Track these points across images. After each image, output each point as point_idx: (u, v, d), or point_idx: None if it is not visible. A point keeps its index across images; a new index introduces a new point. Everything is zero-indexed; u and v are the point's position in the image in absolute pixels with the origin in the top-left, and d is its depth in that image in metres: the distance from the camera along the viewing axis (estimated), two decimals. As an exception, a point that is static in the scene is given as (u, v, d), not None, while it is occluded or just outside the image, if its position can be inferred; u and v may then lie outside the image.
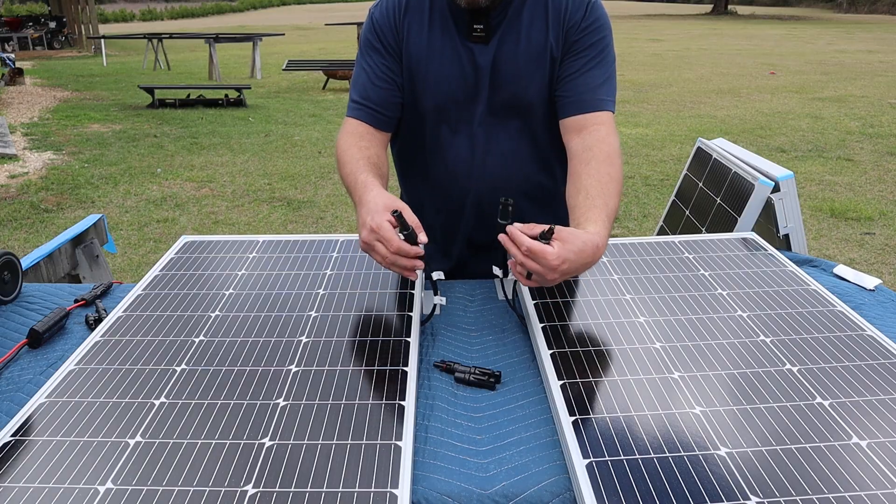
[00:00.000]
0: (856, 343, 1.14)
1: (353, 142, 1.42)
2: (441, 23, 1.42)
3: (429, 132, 1.51)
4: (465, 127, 1.47)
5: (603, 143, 1.34)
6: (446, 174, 1.53)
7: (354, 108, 1.47)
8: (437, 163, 1.53)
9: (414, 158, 1.58)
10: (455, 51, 1.41)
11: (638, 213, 4.97)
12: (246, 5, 45.57)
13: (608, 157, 1.32)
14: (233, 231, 4.75)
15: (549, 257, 1.08)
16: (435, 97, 1.45)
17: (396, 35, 1.44)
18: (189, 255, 1.54)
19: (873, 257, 4.18)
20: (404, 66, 1.45)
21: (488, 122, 1.46)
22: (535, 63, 1.41)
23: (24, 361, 1.23)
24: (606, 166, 1.31)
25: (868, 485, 0.83)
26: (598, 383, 1.04)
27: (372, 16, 1.47)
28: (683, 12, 36.51)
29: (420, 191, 1.62)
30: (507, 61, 1.40)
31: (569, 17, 1.39)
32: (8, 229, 4.77)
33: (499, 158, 1.50)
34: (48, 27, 19.97)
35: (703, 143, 2.63)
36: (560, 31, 1.40)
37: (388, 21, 1.44)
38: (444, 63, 1.42)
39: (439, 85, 1.44)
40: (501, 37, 1.40)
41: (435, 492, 0.88)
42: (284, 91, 11.18)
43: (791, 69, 12.97)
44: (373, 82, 1.45)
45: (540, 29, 1.40)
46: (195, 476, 0.87)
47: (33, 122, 8.71)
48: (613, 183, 1.29)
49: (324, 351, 1.15)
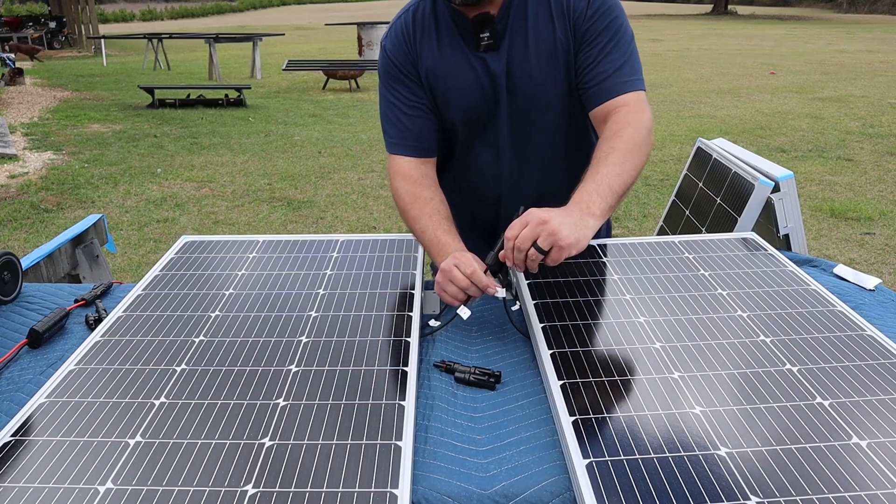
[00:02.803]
0: (856, 343, 1.14)
1: (416, 191, 1.44)
2: (449, 37, 1.41)
3: (458, 143, 1.52)
4: (490, 134, 1.48)
5: (617, 122, 1.34)
6: (476, 182, 1.55)
7: (395, 145, 1.47)
8: (466, 172, 1.55)
9: (443, 170, 1.59)
10: (468, 63, 1.41)
11: (638, 213, 4.97)
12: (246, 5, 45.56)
13: (615, 133, 1.32)
14: (233, 231, 4.75)
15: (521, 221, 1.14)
16: (457, 111, 1.45)
17: (412, 60, 1.44)
18: (189, 255, 1.54)
19: (873, 257, 4.17)
20: (425, 84, 1.45)
21: (513, 127, 1.46)
22: (547, 61, 1.40)
23: (24, 361, 1.23)
24: (609, 141, 1.31)
25: (868, 485, 0.83)
26: (598, 383, 1.04)
27: (385, 48, 1.46)
28: (683, 12, 36.51)
29: (452, 200, 1.63)
30: (520, 64, 1.40)
31: (572, 8, 1.38)
32: (8, 229, 4.77)
33: (525, 160, 1.51)
34: (48, 27, 19.97)
35: (703, 143, 2.63)
36: (567, 23, 1.38)
37: (401, 49, 1.44)
38: (459, 77, 1.42)
39: (459, 99, 1.44)
40: (510, 41, 1.39)
41: (435, 492, 0.88)
42: (284, 91, 11.18)
43: (791, 69, 12.97)
44: (406, 114, 1.45)
45: (546, 25, 1.38)
46: (195, 476, 0.87)
47: (33, 122, 8.71)
48: (615, 153, 1.28)
49: (324, 351, 1.15)
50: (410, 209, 1.43)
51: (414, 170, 1.46)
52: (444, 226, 1.38)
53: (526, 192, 1.54)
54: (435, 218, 1.39)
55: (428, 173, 1.47)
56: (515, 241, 1.14)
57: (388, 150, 1.49)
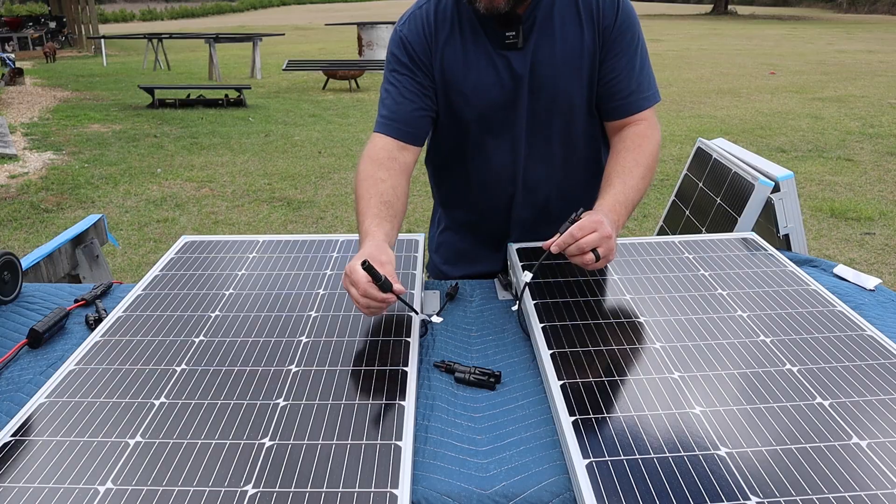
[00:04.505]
0: (856, 343, 1.14)
1: (372, 171, 1.37)
2: (472, 34, 1.40)
3: (471, 140, 1.51)
4: (506, 132, 1.47)
5: (636, 135, 1.43)
6: (490, 179, 1.54)
7: (383, 124, 1.45)
8: (480, 169, 1.54)
9: (453, 166, 1.58)
10: (490, 60, 1.40)
11: (638, 213, 4.97)
12: (246, 5, 45.55)
13: (638, 146, 1.41)
14: (233, 231, 4.75)
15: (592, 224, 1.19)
16: (476, 108, 1.45)
17: (429, 50, 1.42)
18: (189, 255, 1.54)
19: (873, 257, 4.17)
20: (438, 79, 1.44)
21: (531, 126, 1.46)
22: (573, 64, 1.40)
23: (24, 361, 1.23)
24: (633, 153, 1.40)
25: (868, 485, 0.83)
26: (597, 383, 1.04)
27: (400, 34, 1.44)
28: (683, 12, 36.51)
29: (461, 195, 1.62)
30: (546, 65, 1.40)
31: (602, 17, 1.38)
32: (8, 229, 4.77)
33: (541, 161, 1.50)
34: (48, 27, 19.97)
35: (703, 143, 2.63)
36: (595, 30, 1.39)
37: (420, 37, 1.42)
38: (482, 73, 1.41)
39: (479, 96, 1.43)
40: (537, 41, 1.38)
41: (435, 492, 0.88)
42: (284, 91, 11.18)
43: (791, 69, 12.97)
44: (404, 97, 1.43)
45: (574, 29, 1.39)
46: (195, 476, 0.87)
47: (33, 122, 8.71)
48: (639, 168, 1.39)
49: (324, 351, 1.15)
50: (359, 188, 1.36)
51: (385, 152, 1.41)
52: (377, 210, 1.30)
53: (540, 192, 1.54)
54: (373, 201, 1.32)
55: (398, 158, 1.41)
56: (581, 241, 1.19)
57: (375, 129, 1.46)
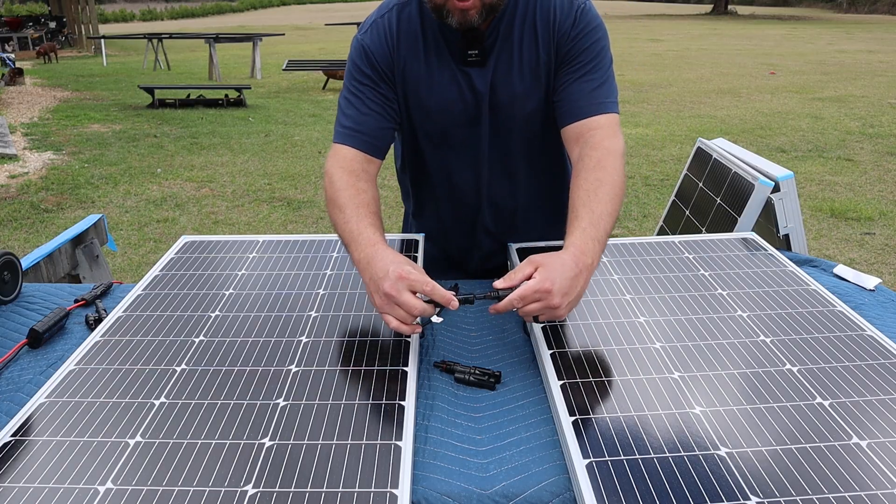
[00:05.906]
0: (856, 343, 1.14)
1: (351, 181, 1.33)
2: (436, 49, 1.38)
3: (432, 157, 1.50)
4: (468, 148, 1.46)
5: (596, 148, 1.30)
6: (454, 195, 1.54)
7: (345, 135, 1.38)
8: (443, 185, 1.54)
9: (420, 179, 1.58)
10: (453, 76, 1.38)
11: (638, 213, 4.97)
12: (246, 5, 45.56)
13: (598, 163, 1.27)
14: (233, 231, 4.75)
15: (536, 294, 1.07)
16: (439, 124, 1.43)
17: (391, 62, 1.39)
18: (189, 255, 1.54)
19: (873, 257, 4.17)
20: (400, 93, 1.41)
21: (492, 143, 1.45)
22: (531, 81, 1.38)
23: (24, 361, 1.23)
24: (595, 172, 1.26)
25: (868, 485, 0.83)
26: (597, 383, 1.04)
27: (361, 42, 1.40)
28: (683, 12, 36.50)
29: (428, 211, 1.63)
30: (505, 83, 1.38)
31: (558, 26, 1.35)
32: (8, 229, 4.77)
33: (505, 177, 1.50)
34: (48, 27, 19.97)
35: (703, 143, 2.63)
36: (551, 42, 1.36)
37: (382, 48, 1.38)
38: (444, 90, 1.39)
39: (441, 112, 1.41)
40: (497, 58, 1.37)
41: (435, 492, 0.88)
42: (284, 91, 11.18)
43: (791, 69, 12.97)
44: (370, 108, 1.38)
45: (530, 45, 1.37)
46: (195, 476, 0.87)
47: (33, 122, 8.71)
48: (604, 187, 1.23)
49: (324, 351, 1.15)
50: (340, 196, 1.31)
51: (356, 163, 1.37)
52: (371, 220, 1.28)
53: (503, 206, 1.54)
54: (363, 210, 1.29)
55: (368, 170, 1.38)
56: (522, 309, 1.09)
57: (336, 140, 1.41)
